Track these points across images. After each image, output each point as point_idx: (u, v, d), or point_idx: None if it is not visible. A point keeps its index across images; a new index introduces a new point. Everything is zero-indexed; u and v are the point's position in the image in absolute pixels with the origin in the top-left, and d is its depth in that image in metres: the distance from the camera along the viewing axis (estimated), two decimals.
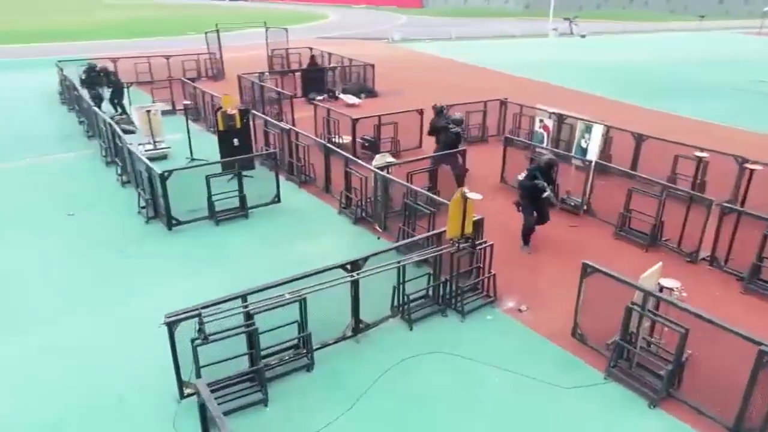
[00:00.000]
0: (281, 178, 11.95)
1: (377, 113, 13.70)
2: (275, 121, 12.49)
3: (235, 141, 11.54)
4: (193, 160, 12.44)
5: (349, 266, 6.22)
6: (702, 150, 10.38)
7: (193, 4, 69.55)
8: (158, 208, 9.69)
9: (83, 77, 16.54)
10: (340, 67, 20.65)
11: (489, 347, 6.56)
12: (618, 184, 9.57)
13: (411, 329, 6.87)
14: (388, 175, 9.03)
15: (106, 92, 16.66)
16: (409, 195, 8.65)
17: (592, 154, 10.01)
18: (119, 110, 16.64)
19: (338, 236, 9.40)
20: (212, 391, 5.49)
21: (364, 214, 9.76)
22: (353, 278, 6.24)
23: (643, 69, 28.02)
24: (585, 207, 10.04)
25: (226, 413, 5.42)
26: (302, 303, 5.89)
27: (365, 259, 6.34)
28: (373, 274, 6.37)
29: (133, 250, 8.74)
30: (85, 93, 15.77)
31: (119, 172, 11.63)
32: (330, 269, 6.10)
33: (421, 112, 13.57)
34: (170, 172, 9.21)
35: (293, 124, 15.83)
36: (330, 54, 22.97)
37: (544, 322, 7.01)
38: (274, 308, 5.66)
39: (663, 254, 8.73)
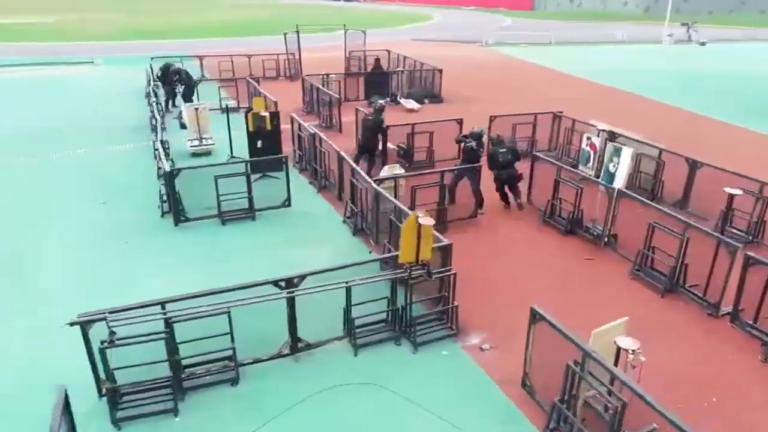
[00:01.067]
0: (305, 181, 12.09)
1: (420, 120, 13.34)
2: (306, 125, 12.53)
3: (259, 143, 11.76)
4: (232, 158, 12.90)
5: (283, 283, 6.02)
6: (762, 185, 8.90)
7: (313, 4, 72.40)
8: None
9: (159, 75, 17.80)
10: (407, 71, 20.34)
11: (430, 387, 6.04)
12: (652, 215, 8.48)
13: (356, 355, 6.53)
14: (379, 188, 8.68)
15: (179, 89, 17.83)
16: (394, 210, 8.24)
17: (619, 181, 8.92)
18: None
19: (333, 246, 9.21)
20: (126, 394, 5.59)
21: (363, 226, 9.49)
22: (288, 295, 6.04)
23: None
24: (606, 238, 8.99)
25: (133, 418, 5.50)
26: (228, 316, 5.80)
27: (302, 277, 6.10)
28: (311, 293, 6.13)
29: (137, 242, 9.18)
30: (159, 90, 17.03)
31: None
32: (262, 284, 5.94)
33: (460, 122, 12.97)
34: (179, 169, 9.57)
35: (340, 129, 15.96)
36: (404, 57, 22.78)
37: (502, 365, 6.33)
38: (191, 319, 5.61)
39: (681, 303, 7.59)
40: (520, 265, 8.64)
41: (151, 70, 20.16)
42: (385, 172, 10.01)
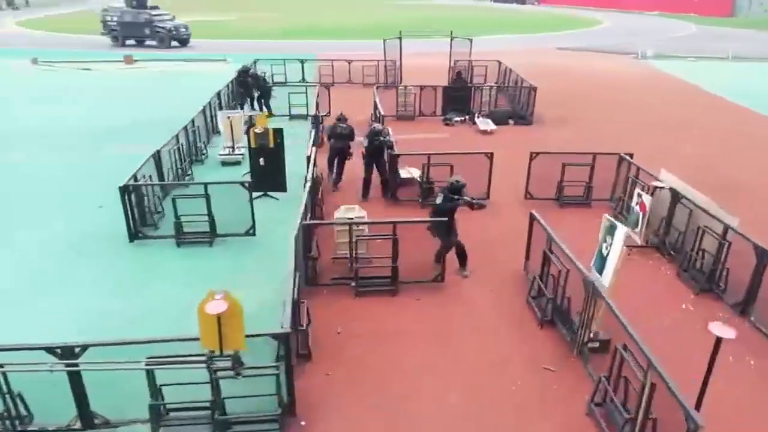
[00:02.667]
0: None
1: (442, 150, 11.55)
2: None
3: (261, 160, 11.02)
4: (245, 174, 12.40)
5: (59, 350, 5.11)
6: None
7: (481, 6, 70.55)
8: (148, 217, 9.81)
9: (236, 77, 18.08)
10: (494, 87, 18.05)
11: None
12: None
13: None
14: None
15: (255, 93, 17.95)
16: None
17: (607, 275, 6.36)
18: (263, 111, 17.73)
19: (266, 295, 8.05)
20: None
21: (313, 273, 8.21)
22: (64, 368, 5.11)
23: None
24: (579, 347, 6.52)
25: None
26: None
27: (84, 347, 5.12)
28: (94, 369, 5.12)
29: (87, 252, 9.02)
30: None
31: None
32: (30, 349, 5.09)
33: (491, 156, 10.84)
34: (136, 186, 9.19)
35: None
36: (510, 71, 20.43)
37: None
38: None
39: None
40: (439, 366, 6.63)
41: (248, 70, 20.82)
42: (340, 213, 8.54)
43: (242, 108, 18.03)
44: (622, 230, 6.13)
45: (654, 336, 6.95)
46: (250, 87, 17.99)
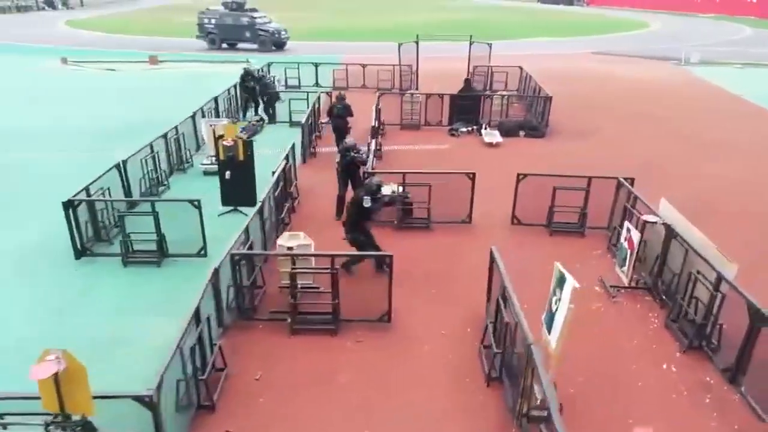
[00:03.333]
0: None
1: (417, 169, 10.64)
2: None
3: (227, 174, 10.40)
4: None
5: None
6: None
7: (529, 8, 68.44)
8: (103, 232, 9.36)
9: (239, 81, 17.61)
10: (506, 95, 16.88)
11: None
12: None
13: None
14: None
15: (262, 98, 17.47)
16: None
17: (554, 337, 5.34)
18: (266, 117, 17.23)
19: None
20: None
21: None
22: None
23: None
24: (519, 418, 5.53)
25: None
26: None
27: None
28: None
29: (26, 270, 8.61)
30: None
31: None
32: None
33: (472, 177, 9.86)
34: (79, 200, 8.72)
35: (380, 157, 13.78)
36: (530, 77, 19.23)
37: None
38: None
39: None
40: (365, 423, 5.78)
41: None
42: (283, 240, 7.78)
43: (245, 115, 17.61)
44: (570, 284, 5.11)
45: (618, 404, 5.94)
46: (254, 92, 17.53)
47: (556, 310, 5.35)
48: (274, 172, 9.79)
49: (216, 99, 15.90)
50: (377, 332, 7.16)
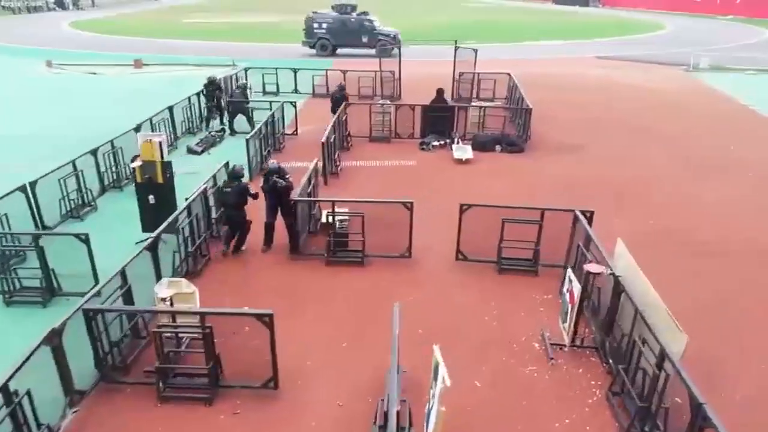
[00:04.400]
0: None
1: (358, 198, 9.50)
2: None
3: (151, 198, 9.41)
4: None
5: None
6: None
7: (542, 9, 66.63)
8: None
9: (203, 89, 16.68)
10: (483, 107, 15.60)
11: None
12: None
13: None
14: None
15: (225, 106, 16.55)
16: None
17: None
18: (226, 127, 16.27)
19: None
20: None
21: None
22: None
23: None
24: None
25: None
26: None
27: None
28: None
29: None
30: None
31: None
32: None
33: (410, 207, 8.69)
34: None
35: (337, 173, 12.71)
36: (516, 87, 17.96)
37: None
38: None
39: None
40: None
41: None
42: (162, 288, 6.69)
43: (208, 124, 16.65)
44: (442, 379, 3.95)
45: None
46: (219, 101, 16.59)
47: (430, 408, 4.19)
48: (187, 198, 8.74)
49: (171, 109, 14.91)
50: (260, 402, 6.07)
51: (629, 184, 12.39)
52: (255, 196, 9.03)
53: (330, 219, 9.08)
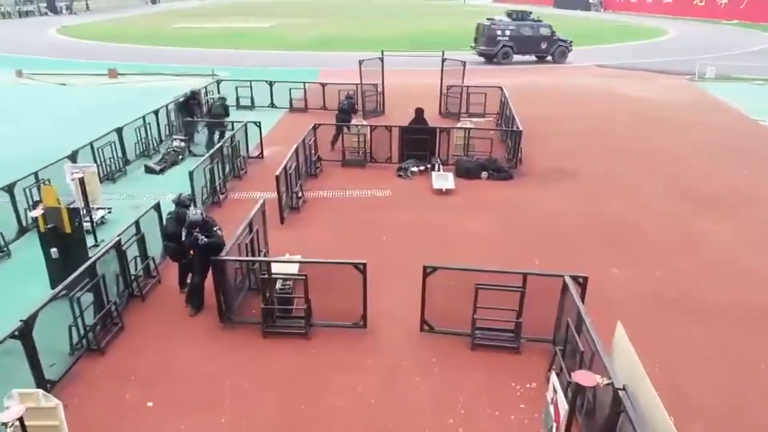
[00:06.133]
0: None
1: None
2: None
3: (54, 251, 7.83)
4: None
5: None
6: None
7: (547, 14, 65.04)
8: None
9: (180, 102, 15.28)
10: (468, 129, 14.00)
11: None
12: None
13: None
14: None
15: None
16: None
17: None
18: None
19: None
20: None
21: None
22: None
23: None
24: None
25: None
26: None
27: None
28: None
29: None
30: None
31: None
32: None
33: (363, 269, 7.09)
34: None
35: (298, 207, 11.17)
36: (505, 102, 16.40)
37: None
38: None
39: None
40: None
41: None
42: (11, 401, 5.05)
43: (192, 140, 15.04)
44: None
45: None
46: (196, 115, 15.22)
47: None
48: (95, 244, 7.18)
49: (120, 131, 13.32)
50: None
51: (626, 220, 10.81)
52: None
53: (270, 276, 7.49)
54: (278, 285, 7.58)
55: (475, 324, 7.01)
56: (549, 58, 30.38)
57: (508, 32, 29.44)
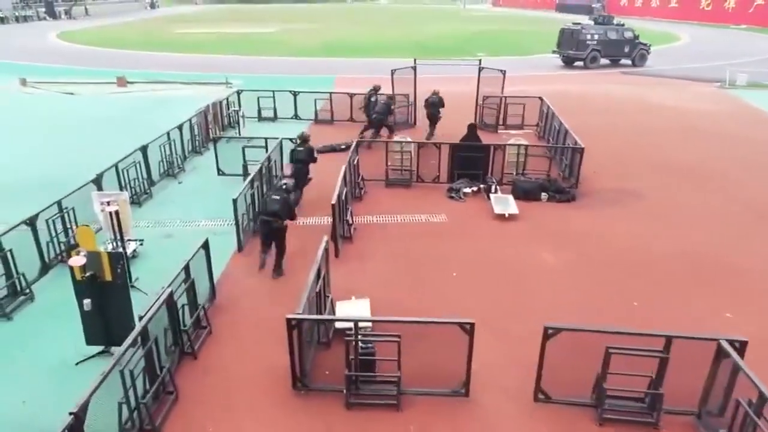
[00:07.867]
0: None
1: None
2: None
3: (87, 303, 6.63)
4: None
5: None
6: None
7: (559, 19, 64.16)
8: None
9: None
10: (525, 145, 12.89)
11: None
12: None
13: None
14: None
15: None
16: None
17: None
18: None
19: None
20: None
21: None
22: None
23: None
24: None
25: None
26: None
27: None
28: None
29: None
30: None
31: None
32: None
33: (470, 330, 5.96)
34: None
35: (350, 236, 10.01)
36: (552, 113, 15.33)
37: None
38: None
39: None
40: None
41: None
42: None
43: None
44: None
45: None
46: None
47: None
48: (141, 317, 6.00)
49: (144, 149, 12.14)
50: None
51: (716, 251, 9.73)
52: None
53: (350, 332, 6.34)
54: (360, 341, 6.42)
55: (605, 393, 5.88)
56: (628, 61, 30.34)
57: (596, 36, 29.66)
